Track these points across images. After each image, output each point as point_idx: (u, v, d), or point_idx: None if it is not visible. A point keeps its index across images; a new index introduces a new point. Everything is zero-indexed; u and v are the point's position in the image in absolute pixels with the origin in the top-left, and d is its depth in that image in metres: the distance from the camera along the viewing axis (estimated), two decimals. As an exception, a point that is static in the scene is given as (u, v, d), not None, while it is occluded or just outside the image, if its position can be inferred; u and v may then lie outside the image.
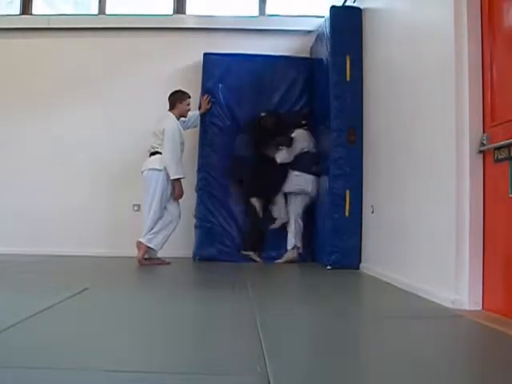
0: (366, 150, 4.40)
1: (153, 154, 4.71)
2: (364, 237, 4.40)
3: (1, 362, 1.60)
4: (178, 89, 4.85)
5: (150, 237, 4.62)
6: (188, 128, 5.08)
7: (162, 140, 4.63)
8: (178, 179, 4.65)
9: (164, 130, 4.62)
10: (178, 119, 4.81)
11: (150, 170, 4.66)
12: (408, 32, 3.48)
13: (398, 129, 3.63)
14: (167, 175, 4.62)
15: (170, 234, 4.69)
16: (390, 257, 3.71)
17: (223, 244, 5.15)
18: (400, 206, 3.56)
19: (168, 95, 4.82)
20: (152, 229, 4.61)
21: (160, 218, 4.64)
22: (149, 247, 4.62)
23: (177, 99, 4.80)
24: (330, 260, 4.43)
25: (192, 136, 5.24)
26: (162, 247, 4.69)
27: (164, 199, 4.66)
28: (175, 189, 4.66)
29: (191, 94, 5.10)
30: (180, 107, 4.80)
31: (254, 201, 5.09)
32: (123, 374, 1.54)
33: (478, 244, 2.59)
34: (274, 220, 5.15)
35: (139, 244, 4.60)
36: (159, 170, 4.63)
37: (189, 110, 4.89)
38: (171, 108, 4.80)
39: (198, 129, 5.28)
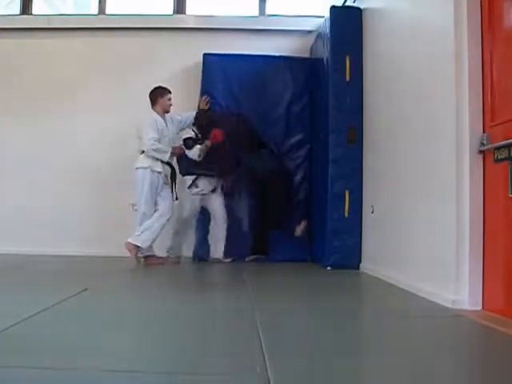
0: (366, 150, 4.40)
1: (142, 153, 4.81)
2: (364, 237, 4.39)
3: (1, 362, 1.61)
4: (157, 85, 4.86)
5: (136, 234, 4.63)
6: (185, 128, 5.09)
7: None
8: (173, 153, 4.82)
9: (139, 127, 4.77)
10: (164, 116, 4.84)
11: (136, 169, 4.74)
12: (408, 32, 3.48)
13: (398, 129, 3.63)
14: (153, 171, 4.69)
15: (159, 230, 4.68)
16: (389, 257, 3.71)
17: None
18: (400, 206, 3.56)
19: (148, 93, 4.85)
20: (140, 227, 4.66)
21: (150, 216, 4.67)
22: (136, 245, 4.61)
23: (157, 95, 4.83)
24: (329, 260, 4.43)
25: (192, 136, 5.25)
26: (151, 243, 4.69)
27: (153, 196, 4.70)
28: (175, 153, 4.85)
29: (191, 95, 5.11)
30: (162, 102, 4.83)
31: None
32: (123, 373, 1.54)
33: (478, 244, 2.59)
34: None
35: (127, 245, 4.60)
36: (144, 168, 4.70)
37: (170, 104, 4.88)
38: (153, 105, 4.84)
39: (197, 129, 5.28)
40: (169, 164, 4.83)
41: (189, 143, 4.93)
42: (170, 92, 4.85)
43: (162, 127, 4.78)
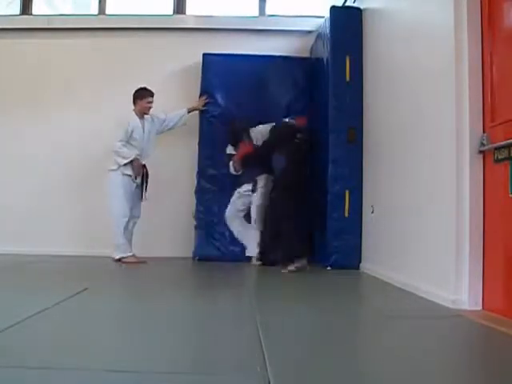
0: (366, 150, 4.40)
1: None
2: (364, 237, 4.39)
3: (1, 362, 1.60)
4: (143, 86, 4.88)
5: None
6: (171, 128, 5.10)
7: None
8: (132, 160, 4.73)
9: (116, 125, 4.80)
10: (142, 116, 4.85)
11: (108, 171, 4.76)
12: (408, 32, 3.48)
13: (398, 129, 3.63)
14: (124, 174, 4.71)
15: (117, 229, 4.70)
16: (390, 257, 3.71)
17: (223, 244, 5.14)
18: (400, 206, 3.56)
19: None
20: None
21: (124, 218, 4.70)
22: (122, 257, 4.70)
23: (137, 96, 4.85)
24: (330, 260, 4.43)
25: (192, 137, 5.25)
26: (128, 247, 4.73)
27: (128, 200, 4.72)
28: (134, 169, 4.75)
29: (190, 95, 5.09)
30: (140, 104, 4.84)
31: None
32: (123, 374, 1.54)
33: (478, 244, 2.59)
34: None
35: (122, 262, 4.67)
36: (113, 170, 4.73)
37: (150, 107, 4.88)
38: (133, 104, 4.86)
39: (197, 130, 5.28)
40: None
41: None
42: (151, 95, 4.84)
43: (135, 128, 4.77)
